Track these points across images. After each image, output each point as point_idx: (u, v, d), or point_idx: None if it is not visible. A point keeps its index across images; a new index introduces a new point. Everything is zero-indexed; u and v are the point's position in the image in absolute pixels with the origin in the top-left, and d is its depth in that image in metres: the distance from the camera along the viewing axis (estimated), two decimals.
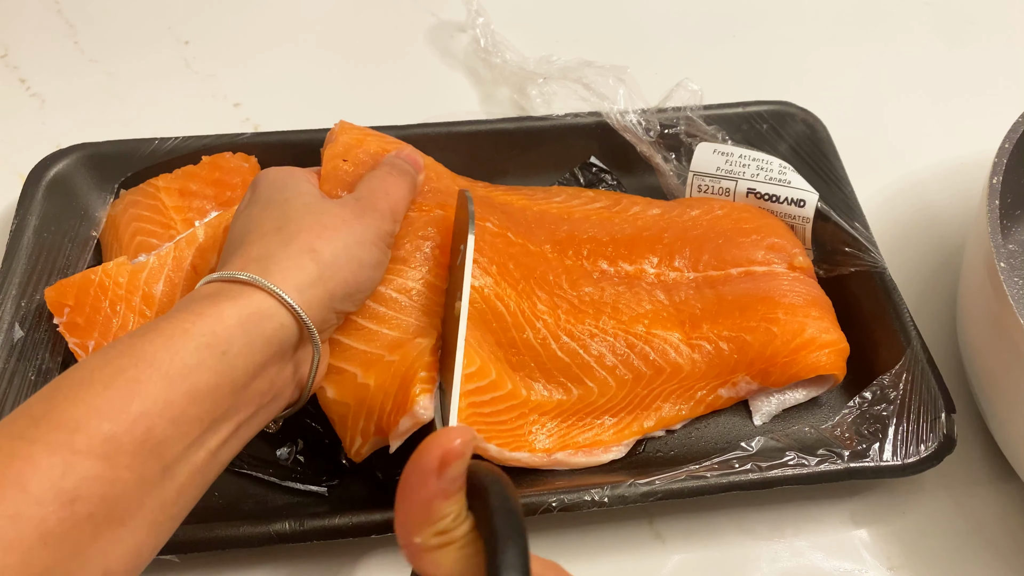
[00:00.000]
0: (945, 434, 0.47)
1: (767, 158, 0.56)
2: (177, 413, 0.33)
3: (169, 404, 0.32)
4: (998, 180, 0.47)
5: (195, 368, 0.34)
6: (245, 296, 0.37)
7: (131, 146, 0.57)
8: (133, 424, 0.31)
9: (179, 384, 0.33)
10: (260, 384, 0.37)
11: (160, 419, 0.32)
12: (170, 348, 0.34)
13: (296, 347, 0.39)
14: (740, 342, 0.49)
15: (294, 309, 0.37)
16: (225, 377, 0.34)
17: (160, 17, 0.74)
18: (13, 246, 0.52)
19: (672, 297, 0.51)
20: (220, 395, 0.34)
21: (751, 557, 0.47)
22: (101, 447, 0.30)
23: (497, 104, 0.69)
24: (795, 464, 0.46)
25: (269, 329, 0.36)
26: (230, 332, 0.35)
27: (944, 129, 0.69)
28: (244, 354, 0.35)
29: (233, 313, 0.36)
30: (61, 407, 0.31)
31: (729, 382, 0.49)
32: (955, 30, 0.78)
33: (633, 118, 0.59)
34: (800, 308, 0.50)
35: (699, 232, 0.53)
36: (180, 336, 0.34)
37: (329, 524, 0.43)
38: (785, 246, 0.53)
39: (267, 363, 0.37)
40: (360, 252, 0.41)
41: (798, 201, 0.55)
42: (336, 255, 0.40)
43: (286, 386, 0.40)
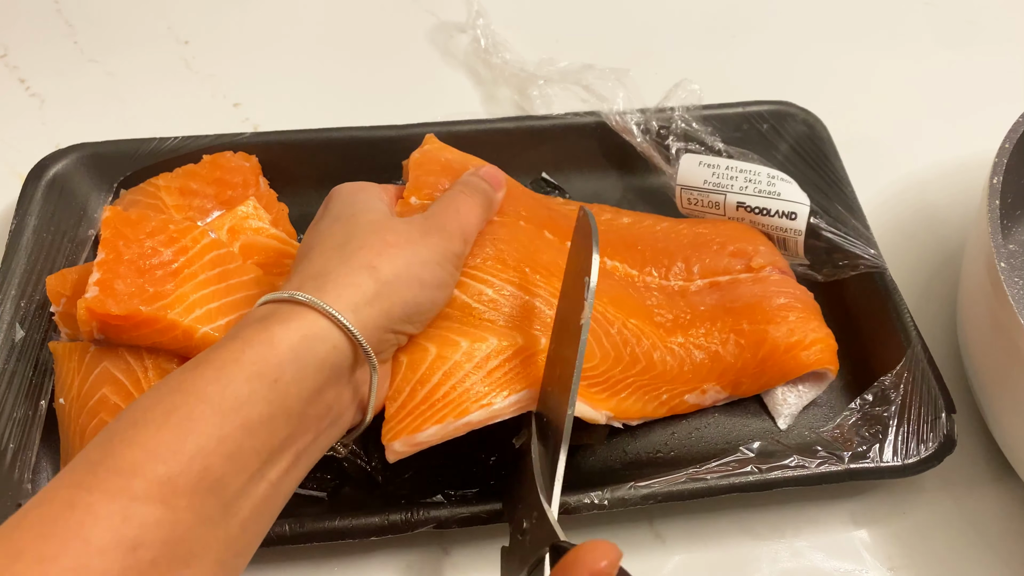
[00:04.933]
0: (945, 434, 0.47)
1: (754, 168, 0.55)
2: (233, 448, 0.32)
3: (224, 440, 0.32)
4: (998, 180, 0.47)
5: (247, 400, 0.33)
6: (297, 318, 0.35)
7: (130, 146, 0.57)
8: (189, 464, 0.31)
9: (232, 418, 0.32)
10: (317, 409, 0.36)
11: (216, 456, 0.31)
12: (220, 381, 0.33)
13: (353, 368, 0.37)
14: (712, 353, 0.49)
15: (348, 329, 0.36)
16: (279, 406, 0.34)
17: (160, 17, 0.74)
18: (12, 246, 0.51)
19: (649, 301, 0.50)
20: (275, 425, 0.34)
21: (752, 558, 0.46)
22: (159, 490, 0.30)
23: (497, 104, 0.69)
24: (795, 465, 0.46)
25: (322, 351, 0.35)
26: (281, 359, 0.34)
27: (944, 129, 0.69)
28: (297, 380, 0.34)
29: (285, 337, 0.35)
30: (117, 451, 0.30)
31: (698, 389, 0.49)
32: (955, 30, 0.78)
33: (633, 119, 0.59)
34: (780, 311, 0.50)
35: (668, 243, 0.53)
36: (230, 367, 0.33)
37: (329, 526, 0.43)
38: (746, 249, 0.53)
39: (322, 387, 0.36)
40: (422, 271, 0.40)
41: (789, 214, 0.54)
42: (397, 273, 0.38)
43: (345, 409, 0.38)
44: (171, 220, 0.48)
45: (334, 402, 0.37)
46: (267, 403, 0.33)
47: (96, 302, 0.44)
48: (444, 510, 0.43)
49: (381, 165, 0.56)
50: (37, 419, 0.47)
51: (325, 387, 0.36)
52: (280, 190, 0.57)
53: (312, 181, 0.59)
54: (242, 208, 0.52)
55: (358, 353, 0.37)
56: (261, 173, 0.57)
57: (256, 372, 0.33)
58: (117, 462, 0.30)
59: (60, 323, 0.48)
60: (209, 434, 0.31)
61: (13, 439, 0.45)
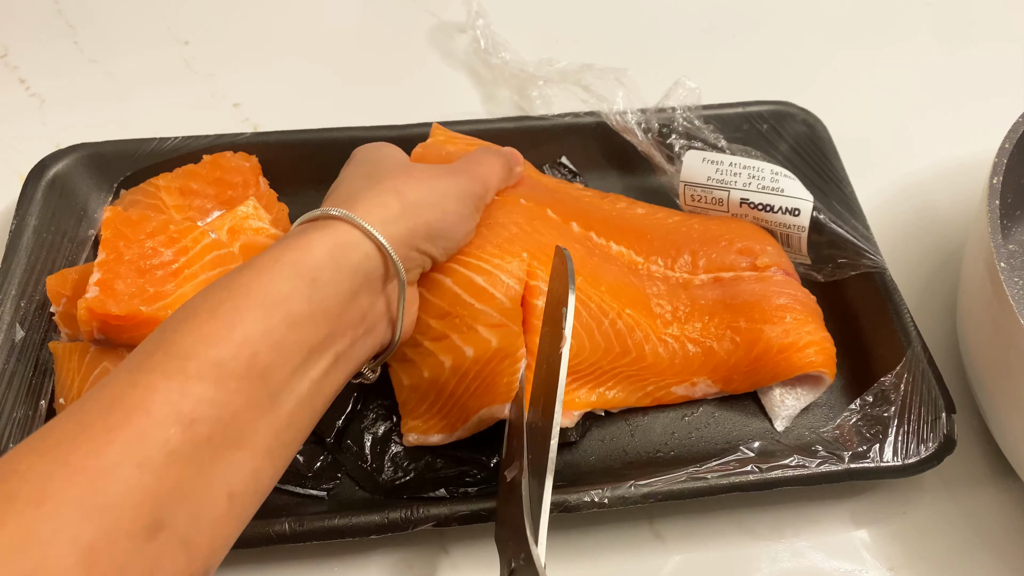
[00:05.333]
0: (945, 434, 0.47)
1: (758, 164, 0.55)
2: (277, 339, 0.34)
3: (269, 331, 0.34)
4: (998, 180, 0.47)
5: (289, 296, 0.35)
6: (331, 228, 0.38)
7: (130, 146, 0.57)
8: (239, 350, 0.33)
9: (275, 312, 0.34)
10: (352, 314, 0.38)
11: (262, 345, 0.33)
12: (263, 278, 0.35)
13: (384, 279, 0.40)
14: (706, 348, 0.49)
15: (377, 239, 0.38)
16: (318, 304, 0.36)
17: (160, 17, 0.74)
18: (12, 246, 0.51)
19: (651, 290, 0.51)
20: (316, 322, 0.36)
21: (751, 557, 0.46)
22: (212, 371, 0.32)
23: (497, 104, 0.69)
24: (796, 465, 0.46)
25: (355, 258, 0.38)
26: (318, 261, 0.36)
27: (944, 129, 0.69)
28: (334, 281, 0.37)
29: (321, 244, 0.37)
30: (171, 339, 0.33)
31: (687, 382, 0.50)
32: (955, 30, 0.78)
33: (632, 118, 0.59)
34: (778, 311, 0.50)
35: (677, 235, 0.54)
36: (272, 266, 0.36)
37: (328, 524, 0.43)
38: (753, 248, 0.53)
39: (357, 292, 0.38)
40: (444, 200, 0.43)
41: (792, 210, 0.54)
42: (421, 197, 0.41)
43: (379, 320, 0.41)
44: (171, 220, 0.48)
45: (368, 310, 0.39)
46: (307, 300, 0.35)
47: (96, 302, 0.44)
48: (444, 508, 0.43)
49: None
50: (37, 419, 0.47)
51: (359, 292, 0.38)
52: (280, 190, 0.58)
53: (312, 181, 0.59)
54: (242, 208, 0.52)
55: (388, 265, 0.40)
56: (261, 173, 0.57)
57: (296, 272, 0.36)
58: (172, 347, 0.32)
59: (60, 323, 0.48)
60: (255, 325, 0.34)
61: (13, 439, 0.45)
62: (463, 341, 0.45)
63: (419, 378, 0.46)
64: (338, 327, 0.37)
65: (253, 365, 0.33)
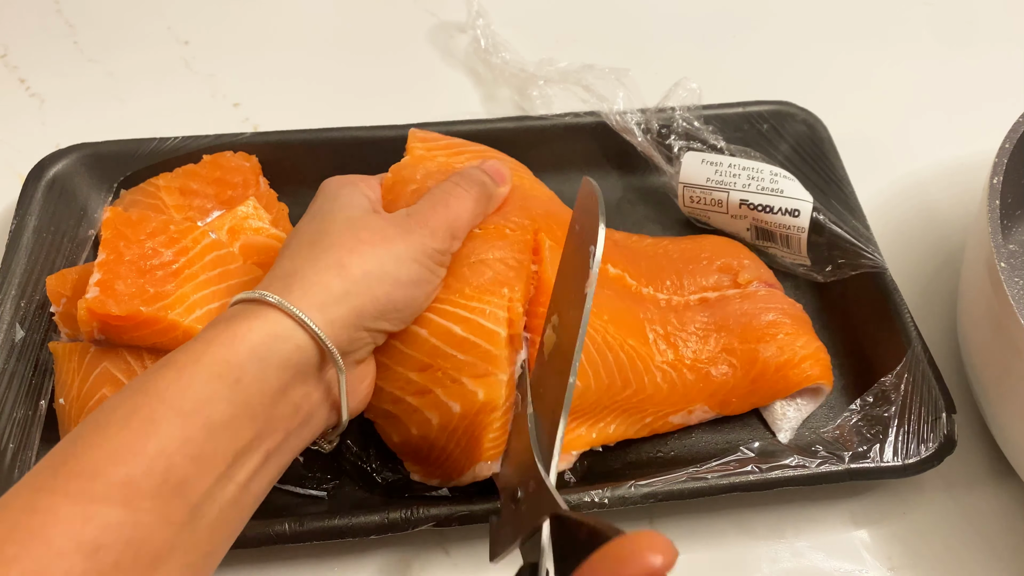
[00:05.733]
0: (946, 435, 0.47)
1: (757, 166, 0.55)
2: (196, 450, 0.32)
3: (186, 441, 0.31)
4: (998, 180, 0.47)
5: (208, 400, 0.32)
6: (262, 317, 0.35)
7: (130, 146, 0.57)
8: (151, 465, 0.30)
9: (194, 419, 0.32)
10: (283, 409, 0.36)
11: (179, 457, 0.31)
12: (181, 381, 0.33)
13: (320, 368, 0.37)
14: (702, 374, 0.48)
15: (312, 329, 0.35)
16: (241, 406, 0.33)
17: (159, 17, 0.74)
18: (12, 246, 0.51)
19: (644, 315, 0.49)
20: (239, 425, 0.33)
21: (752, 558, 0.46)
22: (120, 492, 0.30)
23: (497, 104, 0.69)
24: (796, 465, 0.46)
25: (285, 351, 0.35)
26: (242, 358, 0.34)
27: (944, 129, 0.69)
28: (259, 380, 0.34)
29: (247, 337, 0.34)
30: (79, 453, 0.30)
31: (684, 410, 0.48)
32: (955, 30, 0.78)
33: (633, 118, 0.59)
34: (771, 329, 0.49)
35: (658, 258, 0.52)
36: (191, 368, 0.33)
37: (328, 525, 0.43)
38: (732, 264, 0.52)
39: (287, 387, 0.35)
40: (396, 269, 0.39)
41: (792, 211, 0.54)
42: (367, 271, 0.38)
43: (316, 408, 0.38)
44: (171, 221, 0.48)
45: (302, 401, 0.37)
46: (229, 403, 0.33)
47: (97, 302, 0.44)
48: (444, 508, 0.43)
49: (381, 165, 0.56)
50: (37, 419, 0.47)
51: (290, 387, 0.36)
52: (280, 190, 0.57)
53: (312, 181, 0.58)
54: (242, 208, 0.52)
55: (325, 354, 0.37)
56: (261, 173, 0.57)
57: (216, 373, 0.33)
58: (79, 464, 0.30)
59: (60, 323, 0.48)
60: (171, 435, 0.31)
61: (13, 439, 0.45)
62: (448, 396, 0.42)
63: (408, 434, 0.44)
64: (267, 426, 0.35)
65: (168, 480, 0.31)
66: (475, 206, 0.43)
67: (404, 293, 0.39)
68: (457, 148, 0.51)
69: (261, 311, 0.36)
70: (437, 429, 0.42)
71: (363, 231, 0.39)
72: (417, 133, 0.51)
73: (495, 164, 0.47)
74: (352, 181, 0.44)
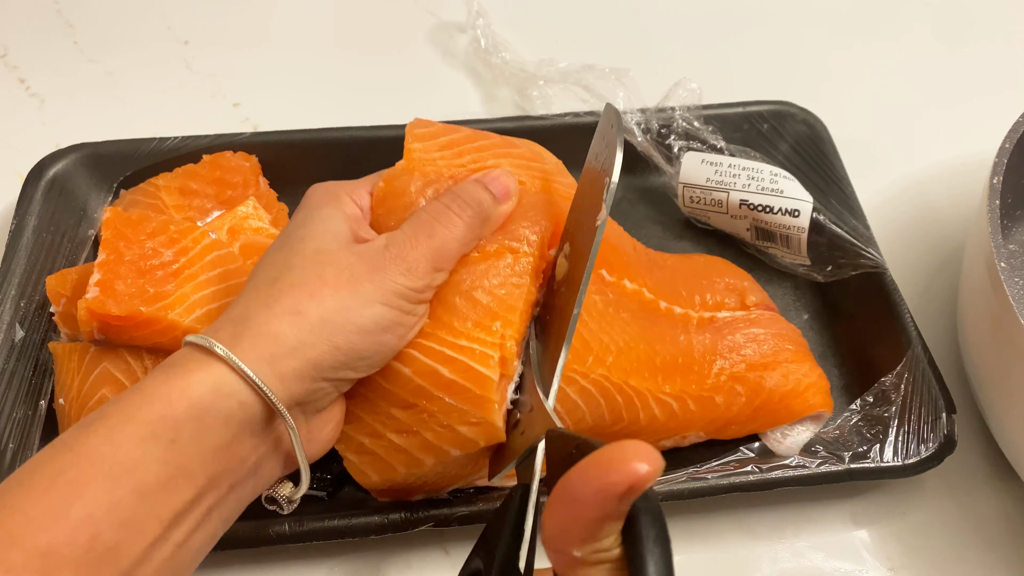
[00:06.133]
0: (946, 435, 0.46)
1: (757, 166, 0.55)
2: (126, 515, 0.29)
3: (115, 505, 0.29)
4: (998, 180, 0.47)
5: (140, 462, 0.30)
6: (205, 368, 0.33)
7: (130, 146, 0.57)
8: (74, 532, 0.28)
9: (124, 482, 0.30)
10: (226, 464, 0.33)
11: (106, 523, 0.29)
12: (113, 441, 0.30)
13: (268, 423, 0.34)
14: (705, 401, 0.46)
15: (257, 386, 0.33)
16: (177, 467, 0.31)
17: (160, 17, 0.74)
18: (12, 246, 0.51)
19: (663, 338, 0.47)
20: (175, 487, 0.31)
21: (752, 558, 0.46)
22: (39, 563, 0.27)
23: (498, 104, 0.69)
24: (796, 465, 0.46)
25: (227, 408, 0.32)
26: (178, 417, 0.31)
27: (944, 129, 0.69)
28: (197, 440, 0.31)
29: (186, 393, 0.32)
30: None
31: (678, 435, 0.47)
32: (955, 30, 0.78)
33: (633, 118, 0.59)
34: (777, 356, 0.48)
35: (667, 271, 0.50)
36: (124, 426, 0.31)
37: (328, 525, 0.43)
38: (737, 285, 0.51)
39: (229, 445, 0.33)
40: (360, 315, 0.35)
41: (792, 211, 0.54)
42: (326, 319, 0.34)
43: (264, 459, 0.35)
44: (171, 221, 0.48)
45: (248, 454, 0.34)
46: (163, 464, 0.31)
47: (96, 302, 0.44)
48: (444, 508, 0.43)
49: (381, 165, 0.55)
50: (37, 419, 0.47)
51: (233, 444, 0.33)
52: (280, 190, 0.57)
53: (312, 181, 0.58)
54: (242, 208, 0.52)
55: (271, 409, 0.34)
56: (261, 173, 0.57)
57: (151, 433, 0.31)
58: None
59: (60, 323, 0.48)
60: (98, 500, 0.29)
61: (13, 439, 0.45)
62: (440, 441, 0.39)
63: (391, 474, 0.40)
64: (208, 483, 0.32)
65: (94, 548, 0.28)
66: (466, 232, 0.39)
67: (370, 340, 0.36)
68: (459, 147, 0.46)
69: (205, 362, 0.33)
70: (430, 468, 0.39)
71: (328, 269, 0.36)
72: (416, 128, 0.46)
73: (499, 176, 0.42)
74: (336, 195, 0.41)
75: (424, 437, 0.39)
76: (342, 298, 0.35)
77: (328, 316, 0.35)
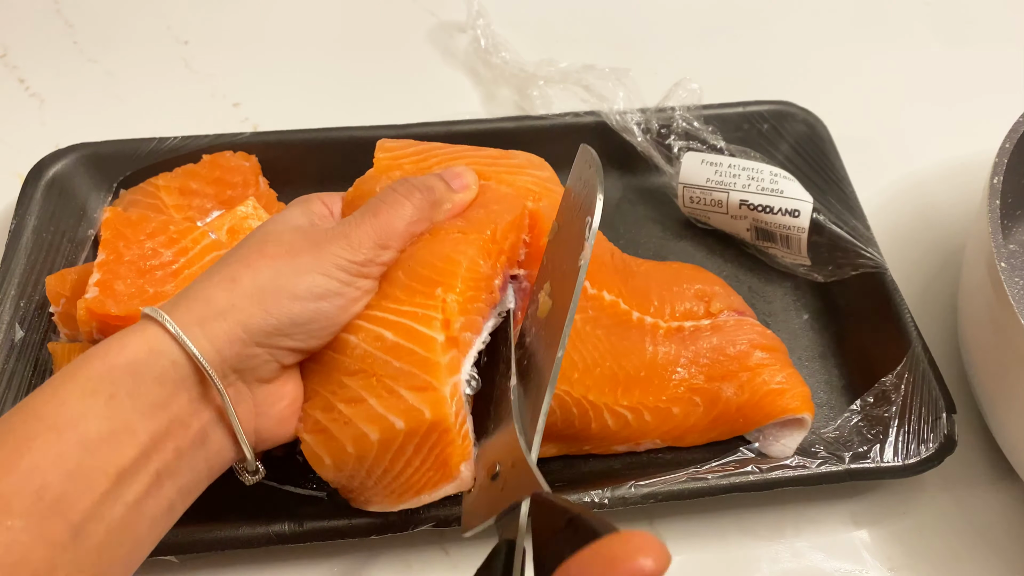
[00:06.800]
0: (946, 435, 0.46)
1: (757, 166, 0.55)
2: (71, 465, 0.31)
3: (60, 457, 0.30)
4: (999, 180, 0.47)
5: (82, 416, 0.32)
6: (143, 330, 0.34)
7: (130, 146, 0.57)
8: (23, 482, 0.29)
9: (68, 434, 0.31)
10: (167, 425, 0.34)
11: (53, 474, 0.30)
12: (56, 397, 0.32)
13: (204, 384, 0.35)
14: (661, 411, 0.46)
15: (184, 343, 0.34)
16: (119, 422, 0.32)
17: (159, 17, 0.74)
18: (12, 246, 0.51)
19: (630, 350, 0.46)
20: (119, 442, 0.32)
21: (752, 558, 0.46)
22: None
23: (498, 104, 0.69)
24: (796, 465, 0.46)
25: (160, 366, 0.34)
26: (116, 374, 0.33)
27: (945, 129, 0.69)
28: (134, 395, 0.33)
29: (123, 352, 0.34)
30: None
31: (632, 443, 0.47)
32: (955, 30, 0.78)
33: (633, 118, 0.59)
34: (734, 364, 0.47)
35: (640, 278, 0.50)
36: (67, 384, 0.32)
37: (328, 525, 0.43)
38: (706, 291, 0.49)
39: (167, 402, 0.34)
40: (294, 282, 0.36)
41: (792, 212, 0.54)
42: (260, 285, 0.36)
43: (210, 427, 0.36)
44: (171, 221, 0.48)
45: (190, 419, 0.35)
46: (104, 419, 0.32)
47: (96, 303, 0.44)
48: (444, 508, 0.43)
49: None
50: None
51: (171, 402, 0.34)
52: (280, 190, 0.57)
53: (312, 181, 0.58)
54: (242, 208, 0.52)
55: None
56: (261, 173, 0.57)
57: (91, 388, 0.32)
58: None
59: (59, 323, 0.48)
60: (44, 451, 0.30)
61: None
62: (387, 408, 0.38)
63: (342, 454, 0.39)
64: (152, 442, 0.33)
65: (42, 498, 0.30)
66: (413, 212, 0.41)
67: (304, 307, 0.37)
68: (425, 154, 0.48)
69: (144, 326, 0.35)
70: (378, 447, 0.38)
71: (269, 245, 0.38)
72: (385, 143, 0.48)
73: (457, 170, 0.44)
74: (308, 198, 0.43)
75: (370, 405, 0.38)
76: (278, 266, 0.37)
77: (262, 283, 0.36)
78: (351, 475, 0.40)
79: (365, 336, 0.39)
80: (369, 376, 0.38)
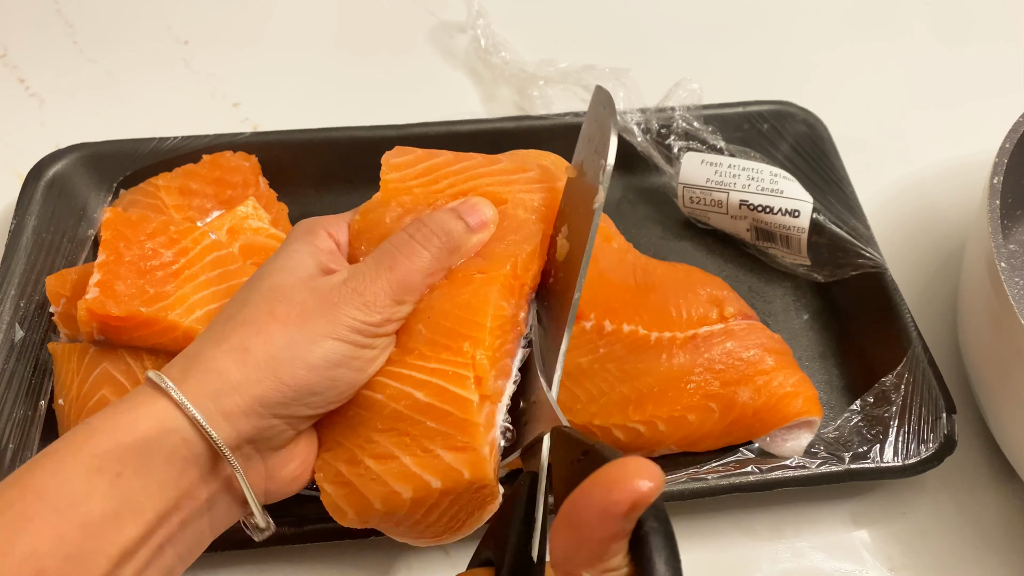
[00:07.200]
0: (946, 435, 0.46)
1: (757, 166, 0.55)
2: (71, 550, 0.29)
3: (61, 540, 0.29)
4: (999, 180, 0.47)
5: (86, 496, 0.30)
6: (153, 404, 0.33)
7: (130, 146, 0.57)
8: (19, 568, 0.28)
9: (70, 516, 0.29)
10: (174, 501, 0.33)
11: (51, 559, 0.29)
12: (59, 475, 0.30)
13: (214, 459, 0.34)
14: (676, 420, 0.46)
15: (198, 422, 0.33)
16: (123, 502, 0.31)
17: (159, 17, 0.74)
18: (12, 246, 0.51)
19: (648, 371, 0.46)
20: (121, 522, 0.31)
21: (752, 558, 0.46)
22: None
23: (498, 104, 0.69)
24: (796, 465, 0.46)
25: (170, 444, 0.32)
26: (125, 452, 0.31)
27: (944, 129, 0.69)
28: (142, 474, 0.31)
29: (132, 428, 0.32)
30: None
31: (645, 451, 0.47)
32: (955, 30, 0.78)
33: (633, 118, 0.59)
34: (749, 368, 0.47)
35: (662, 288, 0.49)
36: (71, 459, 0.31)
37: (328, 525, 0.43)
38: (717, 295, 0.49)
39: (175, 480, 0.33)
40: (309, 351, 0.35)
41: (792, 212, 0.54)
42: (273, 355, 0.34)
43: (216, 499, 0.35)
44: (171, 221, 0.48)
45: (197, 492, 0.34)
46: (109, 498, 0.30)
47: (96, 303, 0.44)
48: None
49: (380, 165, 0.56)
50: (37, 419, 0.47)
51: (179, 480, 0.33)
52: (280, 190, 0.57)
53: (312, 181, 0.59)
54: (242, 208, 0.52)
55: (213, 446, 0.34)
56: (261, 173, 0.57)
57: (97, 467, 0.31)
58: None
59: (60, 323, 0.48)
60: (43, 534, 0.29)
61: (13, 439, 0.45)
62: (421, 468, 0.36)
63: (368, 510, 0.38)
64: (155, 521, 0.32)
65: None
66: (431, 263, 0.38)
67: (321, 376, 0.35)
68: (436, 174, 0.44)
69: (154, 398, 0.33)
70: (411, 504, 0.37)
71: (279, 305, 0.36)
72: (391, 158, 0.44)
73: (476, 205, 0.41)
74: (312, 229, 0.40)
75: (403, 463, 0.37)
76: (290, 334, 0.35)
77: (274, 352, 0.34)
78: (375, 525, 0.39)
79: (393, 394, 0.37)
80: (401, 435, 0.37)
